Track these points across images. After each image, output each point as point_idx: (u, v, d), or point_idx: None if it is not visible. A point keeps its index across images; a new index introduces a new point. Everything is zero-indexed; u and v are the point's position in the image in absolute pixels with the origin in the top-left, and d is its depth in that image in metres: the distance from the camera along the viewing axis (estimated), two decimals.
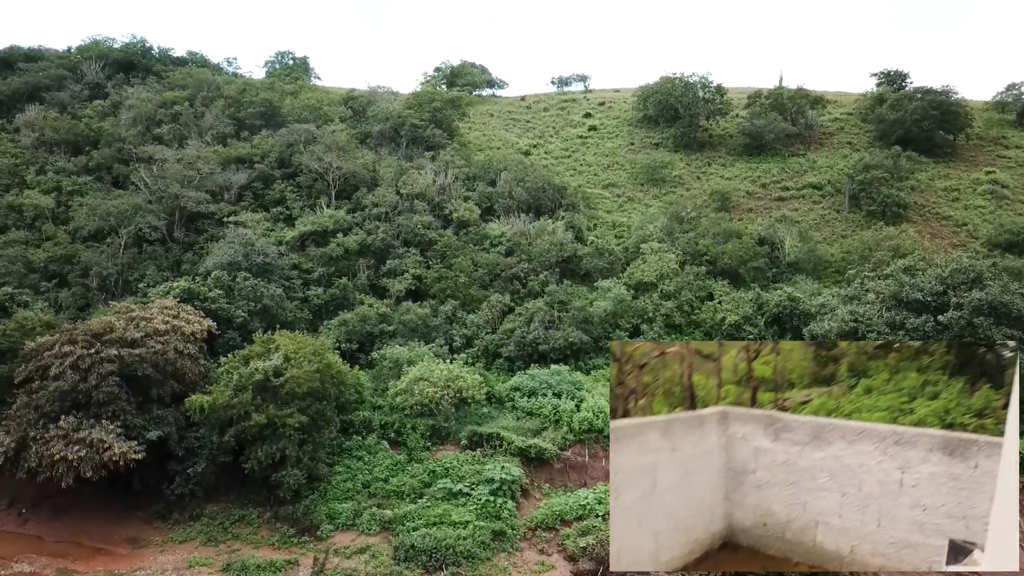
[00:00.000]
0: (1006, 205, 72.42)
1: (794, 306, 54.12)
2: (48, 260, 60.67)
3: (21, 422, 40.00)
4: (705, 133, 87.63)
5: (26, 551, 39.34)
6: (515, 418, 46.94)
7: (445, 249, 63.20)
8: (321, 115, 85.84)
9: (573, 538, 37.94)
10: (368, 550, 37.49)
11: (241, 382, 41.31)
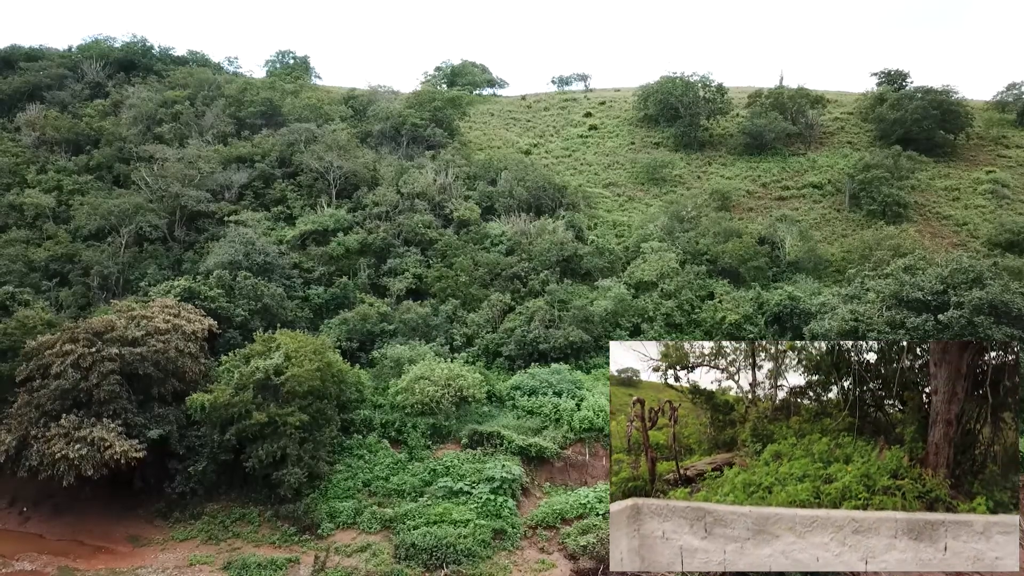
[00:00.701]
0: (1006, 204, 72.40)
1: (794, 305, 54.14)
2: (49, 259, 60.80)
3: (22, 420, 40.08)
4: (705, 132, 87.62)
5: (27, 549, 39.48)
6: (516, 417, 46.98)
7: (446, 248, 63.24)
8: (322, 114, 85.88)
9: (574, 536, 37.99)
10: (369, 548, 37.55)
11: (242, 381, 41.37)
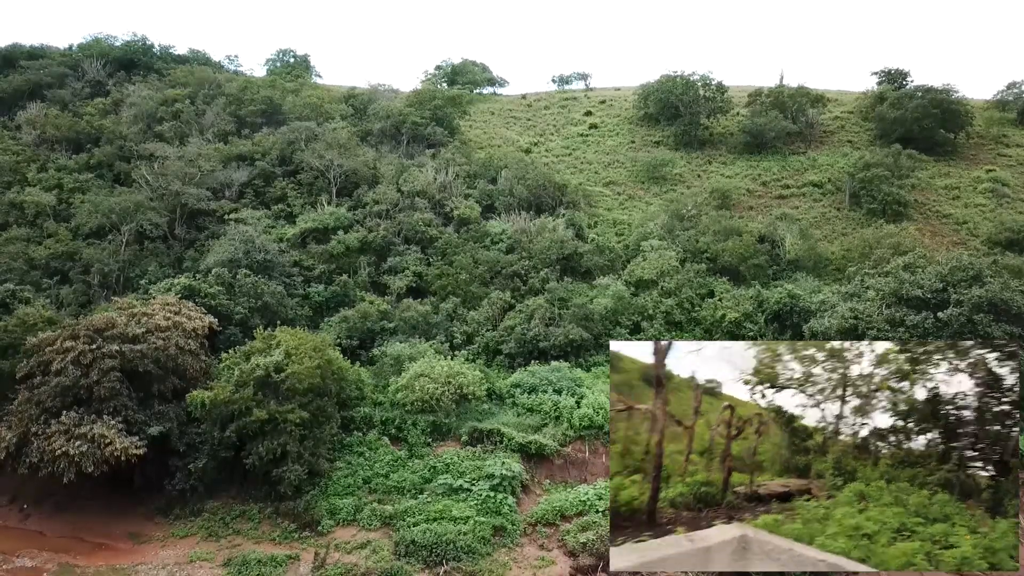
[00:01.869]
0: (1006, 203, 72.37)
1: (794, 303, 54.14)
2: (50, 257, 60.86)
3: (23, 417, 40.13)
4: (706, 131, 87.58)
5: (28, 546, 39.49)
6: (515, 414, 47.00)
7: (446, 246, 63.28)
8: (322, 113, 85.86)
9: (573, 534, 38.03)
10: (369, 545, 37.57)
11: (242, 378, 41.41)
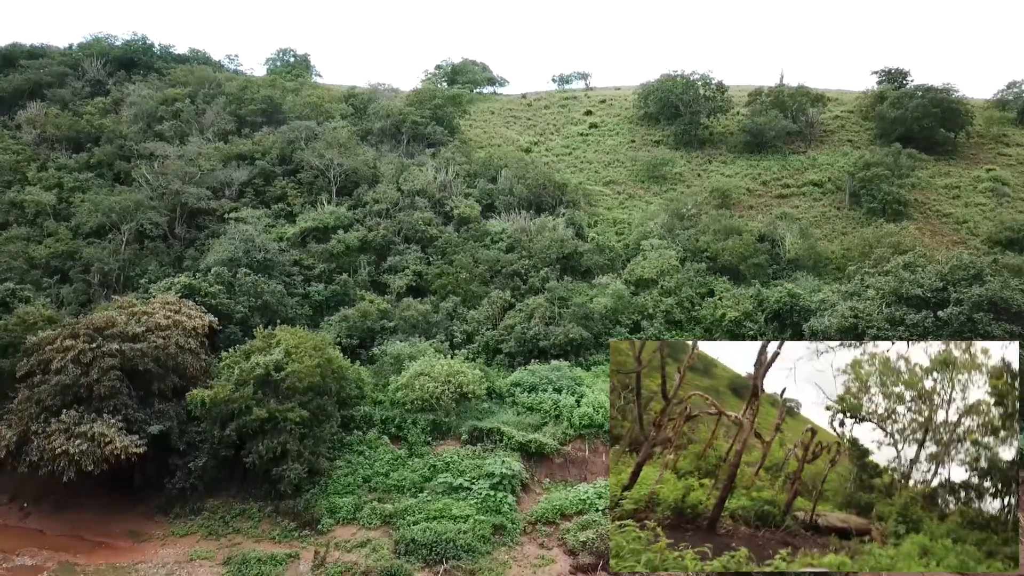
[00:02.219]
0: (1007, 203, 72.37)
1: (794, 302, 54.13)
2: (50, 256, 60.89)
3: (23, 416, 40.16)
4: (706, 131, 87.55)
5: (28, 545, 39.52)
6: (515, 413, 47.01)
7: (446, 246, 63.28)
8: (322, 112, 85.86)
9: (573, 532, 38.03)
10: (369, 544, 37.58)
11: (242, 377, 41.42)
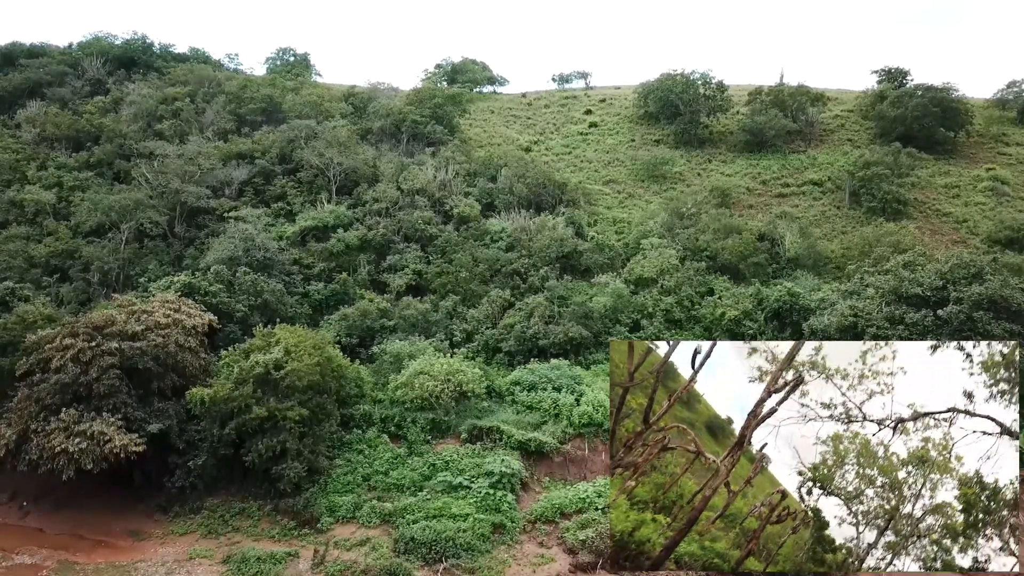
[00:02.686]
0: (1006, 202, 72.35)
1: (794, 301, 54.11)
2: (49, 255, 60.89)
3: (22, 415, 40.17)
4: (706, 130, 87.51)
5: (27, 543, 39.58)
6: (515, 412, 46.99)
7: (446, 245, 63.25)
8: (322, 111, 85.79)
9: (573, 531, 38.03)
10: (368, 542, 37.61)
11: (242, 375, 41.42)
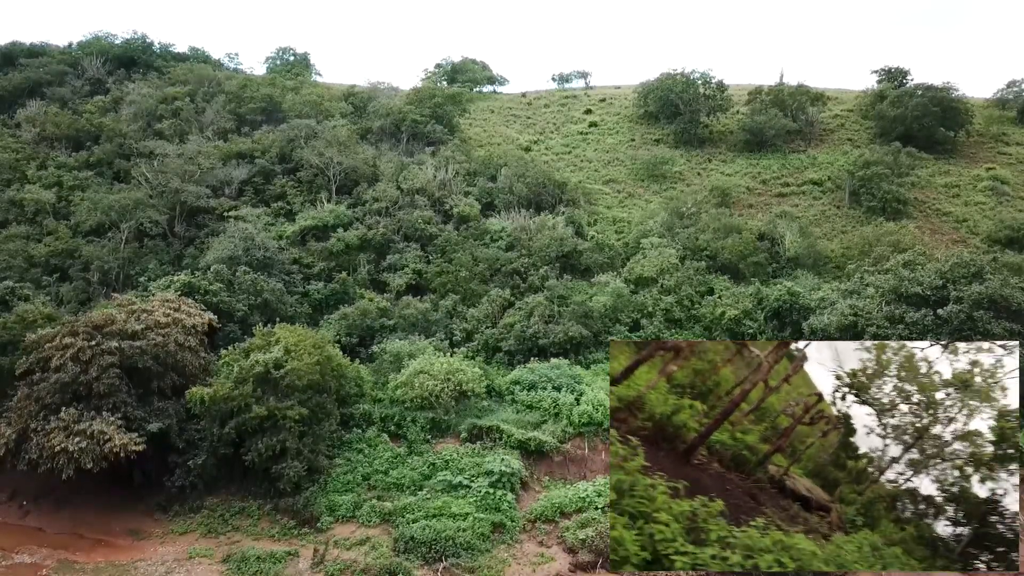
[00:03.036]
0: (1006, 201, 72.34)
1: (794, 301, 54.06)
2: (49, 255, 60.89)
3: (22, 414, 40.12)
4: (706, 129, 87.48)
5: (27, 543, 39.58)
6: (515, 411, 46.93)
7: (445, 244, 63.24)
8: (322, 111, 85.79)
9: (573, 530, 38.01)
10: (368, 542, 37.60)
11: (242, 374, 41.40)
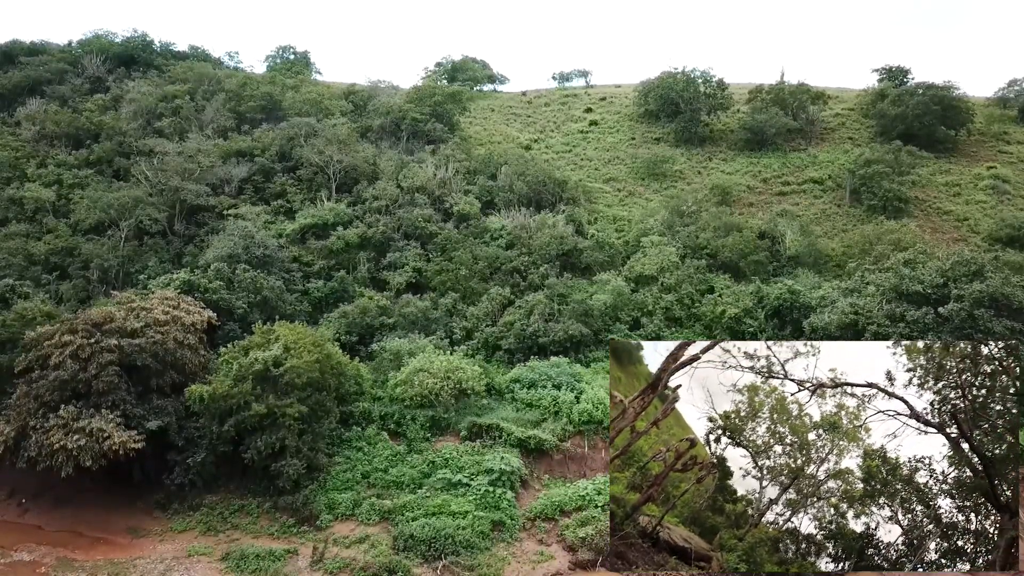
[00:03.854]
0: (1007, 200, 72.31)
1: (794, 299, 54.03)
2: (49, 253, 60.79)
3: (21, 411, 40.03)
4: (706, 128, 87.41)
5: (26, 540, 39.51)
6: (515, 410, 46.83)
7: (445, 242, 63.18)
8: (322, 109, 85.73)
9: (572, 529, 37.97)
10: (367, 540, 37.52)
11: (241, 372, 41.33)
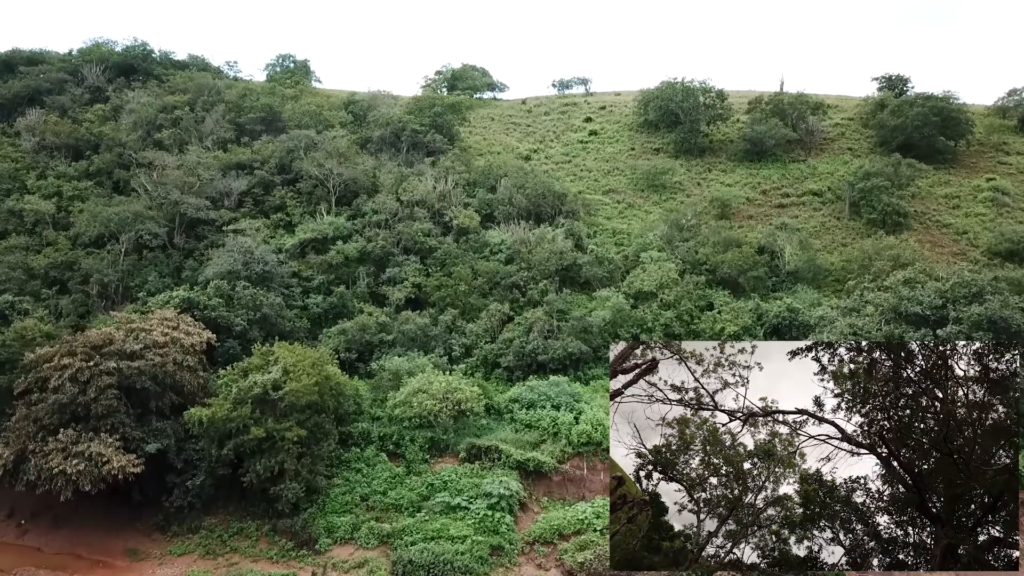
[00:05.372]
0: (1007, 213, 72.15)
1: (793, 317, 54.02)
2: (49, 266, 60.91)
3: (20, 434, 40.12)
4: (706, 138, 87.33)
5: (25, 562, 39.55)
6: (514, 430, 46.90)
7: (445, 257, 63.20)
8: (322, 120, 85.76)
9: (571, 552, 37.93)
10: (366, 564, 37.57)
11: (240, 395, 41.38)
